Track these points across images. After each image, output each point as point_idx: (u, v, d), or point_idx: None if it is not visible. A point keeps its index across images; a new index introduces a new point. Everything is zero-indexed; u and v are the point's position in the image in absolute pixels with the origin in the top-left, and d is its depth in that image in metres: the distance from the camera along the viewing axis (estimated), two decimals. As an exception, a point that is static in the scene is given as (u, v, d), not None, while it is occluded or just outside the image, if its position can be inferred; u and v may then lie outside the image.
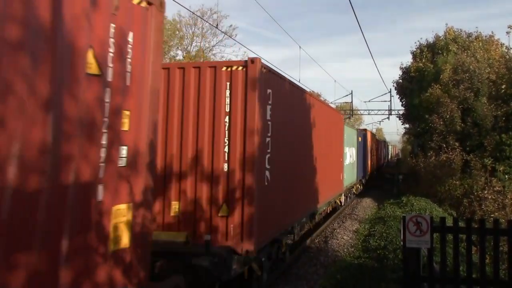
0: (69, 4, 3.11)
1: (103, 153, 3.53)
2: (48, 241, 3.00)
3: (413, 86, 27.83)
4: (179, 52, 36.04)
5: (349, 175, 20.36)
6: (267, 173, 7.62)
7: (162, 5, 4.31)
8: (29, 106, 2.80)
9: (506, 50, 25.57)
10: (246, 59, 7.14)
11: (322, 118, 12.66)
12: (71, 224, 3.20)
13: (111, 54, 3.61)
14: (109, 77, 3.59)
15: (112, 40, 3.61)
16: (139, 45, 3.99)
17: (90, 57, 3.36)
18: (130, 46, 3.87)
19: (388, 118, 37.68)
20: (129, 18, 3.84)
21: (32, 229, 2.87)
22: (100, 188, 3.53)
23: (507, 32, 23.78)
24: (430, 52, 27.62)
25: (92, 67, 3.40)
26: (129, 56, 3.86)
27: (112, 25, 3.61)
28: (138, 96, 4.00)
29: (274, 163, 7.91)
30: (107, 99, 3.57)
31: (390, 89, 33.95)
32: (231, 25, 52.11)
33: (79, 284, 3.29)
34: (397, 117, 33.58)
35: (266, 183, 7.54)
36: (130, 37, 3.88)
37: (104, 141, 3.54)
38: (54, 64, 3.00)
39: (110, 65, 3.60)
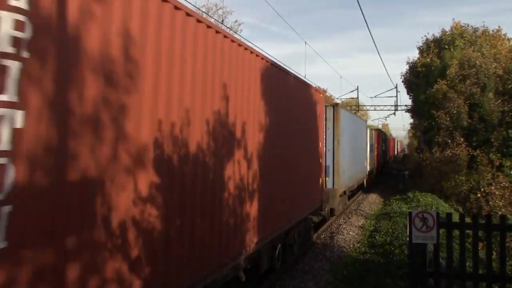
0: None
1: None
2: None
3: (419, 81, 27.66)
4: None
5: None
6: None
7: None
8: None
9: (513, 45, 25.36)
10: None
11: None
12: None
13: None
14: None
15: None
16: None
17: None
18: None
19: (394, 113, 37.54)
20: None
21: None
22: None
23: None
24: (437, 47, 27.38)
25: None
26: None
27: None
28: None
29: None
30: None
31: (396, 84, 33.87)
32: (236, 21, 51.90)
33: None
34: (406, 111, 33.33)
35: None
36: None
37: None
38: None
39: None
